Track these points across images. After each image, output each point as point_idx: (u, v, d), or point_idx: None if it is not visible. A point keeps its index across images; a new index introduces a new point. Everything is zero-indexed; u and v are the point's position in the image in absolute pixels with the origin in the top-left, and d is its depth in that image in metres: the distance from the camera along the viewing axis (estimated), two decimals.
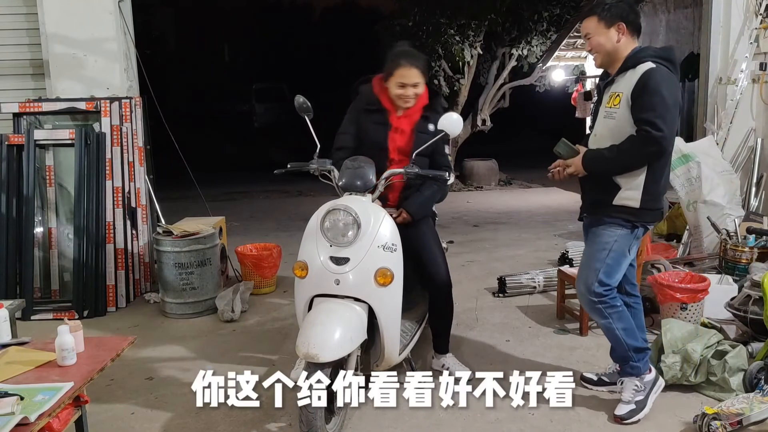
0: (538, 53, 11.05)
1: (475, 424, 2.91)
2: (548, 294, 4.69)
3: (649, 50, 2.75)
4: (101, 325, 4.37)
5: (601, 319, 2.89)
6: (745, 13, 5.43)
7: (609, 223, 2.81)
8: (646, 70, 2.65)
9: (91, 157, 4.66)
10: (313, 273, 2.76)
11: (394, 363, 2.95)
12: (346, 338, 2.58)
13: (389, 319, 2.80)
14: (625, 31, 2.75)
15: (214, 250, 4.62)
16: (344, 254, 2.72)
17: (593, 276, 2.81)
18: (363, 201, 2.83)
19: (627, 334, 2.87)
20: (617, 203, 2.77)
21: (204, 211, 5.63)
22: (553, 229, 7.18)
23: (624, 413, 2.86)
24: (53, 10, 4.94)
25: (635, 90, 2.65)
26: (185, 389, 3.32)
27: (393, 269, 2.75)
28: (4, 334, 2.51)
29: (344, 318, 2.64)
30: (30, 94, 5.06)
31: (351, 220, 2.70)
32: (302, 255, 2.82)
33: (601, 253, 2.81)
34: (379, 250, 2.75)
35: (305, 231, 2.87)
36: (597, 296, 2.82)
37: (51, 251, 4.72)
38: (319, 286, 2.76)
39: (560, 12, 10.78)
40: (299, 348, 2.51)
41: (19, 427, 1.79)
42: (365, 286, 2.72)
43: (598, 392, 3.17)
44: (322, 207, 2.79)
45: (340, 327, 2.59)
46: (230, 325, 4.31)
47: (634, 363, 2.90)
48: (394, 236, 2.83)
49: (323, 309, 2.68)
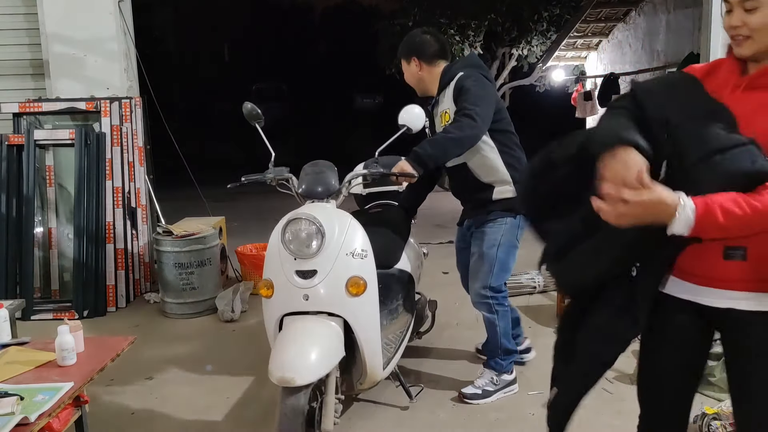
0: (538, 53, 11.05)
1: (474, 424, 2.91)
2: (548, 294, 4.68)
3: (457, 64, 3.07)
4: (101, 325, 4.37)
5: (488, 314, 3.08)
6: None
7: (493, 219, 3.02)
8: (457, 78, 2.96)
9: (91, 157, 4.66)
10: (280, 290, 2.55)
11: (380, 379, 2.75)
12: (322, 357, 2.36)
13: (368, 332, 2.58)
14: (419, 63, 3.07)
15: (214, 250, 4.62)
16: (310, 266, 2.49)
17: (488, 271, 3.00)
18: (326, 207, 2.64)
19: (504, 334, 3.09)
20: (496, 198, 3.01)
21: (204, 211, 5.63)
22: None
23: (469, 393, 3.09)
24: (53, 10, 4.94)
25: (454, 97, 2.93)
26: (185, 389, 3.33)
27: (365, 277, 2.53)
28: (4, 334, 2.51)
29: (318, 336, 2.44)
30: (30, 94, 5.06)
31: (314, 229, 2.48)
32: (266, 273, 2.61)
33: (492, 249, 3.00)
34: (348, 258, 2.53)
35: (268, 247, 2.66)
36: (491, 290, 3.03)
37: (51, 251, 4.72)
38: (287, 304, 2.54)
39: (560, 12, 10.78)
40: (272, 373, 2.31)
41: (19, 427, 1.79)
42: (337, 298, 2.50)
43: (598, 394, 3.17)
44: (282, 219, 2.56)
45: (314, 346, 2.38)
46: (230, 325, 4.31)
47: (500, 360, 3.13)
48: (363, 242, 2.60)
49: (294, 328, 2.49)
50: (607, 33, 9.95)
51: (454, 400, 3.11)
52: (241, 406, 3.13)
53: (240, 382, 3.40)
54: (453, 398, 3.12)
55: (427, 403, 3.09)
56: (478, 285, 3.06)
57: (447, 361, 3.59)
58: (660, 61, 8.65)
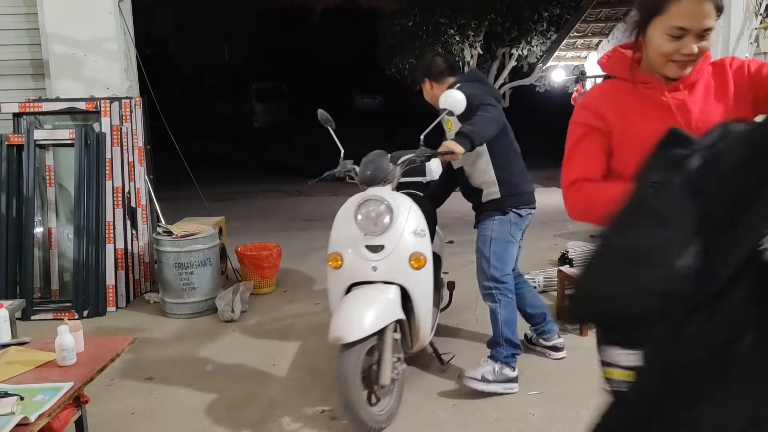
0: (538, 53, 11.06)
1: (474, 424, 2.91)
2: (548, 294, 4.68)
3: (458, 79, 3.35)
4: (101, 325, 4.37)
5: (491, 303, 3.26)
6: (745, 13, 5.43)
7: (485, 218, 3.32)
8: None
9: (91, 157, 4.66)
10: (349, 262, 2.90)
11: (425, 344, 3.16)
12: (373, 318, 2.70)
13: (424, 301, 2.96)
14: (431, 83, 3.40)
15: (214, 250, 4.62)
16: (379, 242, 2.87)
17: (486, 264, 3.24)
18: (388, 190, 2.97)
19: (505, 323, 3.22)
20: (485, 200, 3.30)
21: (204, 211, 5.63)
22: (552, 229, 7.17)
23: (469, 375, 3.18)
24: (53, 10, 4.94)
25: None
26: (185, 389, 3.33)
27: (425, 253, 2.91)
28: (4, 334, 2.51)
29: (376, 299, 2.79)
30: (30, 94, 5.06)
31: (384, 208, 2.87)
32: (334, 247, 2.96)
33: (486, 243, 3.27)
34: (411, 235, 2.90)
35: (334, 224, 3.01)
36: (493, 281, 3.21)
37: (51, 251, 4.72)
38: (356, 274, 2.90)
39: (560, 12, 10.80)
40: (330, 333, 2.66)
41: (19, 427, 1.79)
42: (401, 270, 2.87)
43: (597, 394, 3.17)
44: (350, 200, 2.97)
45: (369, 308, 2.73)
46: (230, 325, 4.31)
47: (501, 350, 3.22)
48: (422, 222, 2.97)
49: (357, 294, 2.85)
50: (607, 33, 9.95)
51: (454, 395, 3.12)
52: (241, 406, 3.13)
53: (240, 382, 3.40)
54: (453, 391, 3.13)
55: (427, 403, 3.10)
56: (480, 278, 3.29)
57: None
58: None
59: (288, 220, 8.23)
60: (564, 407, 3.02)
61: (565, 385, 3.26)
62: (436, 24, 10.38)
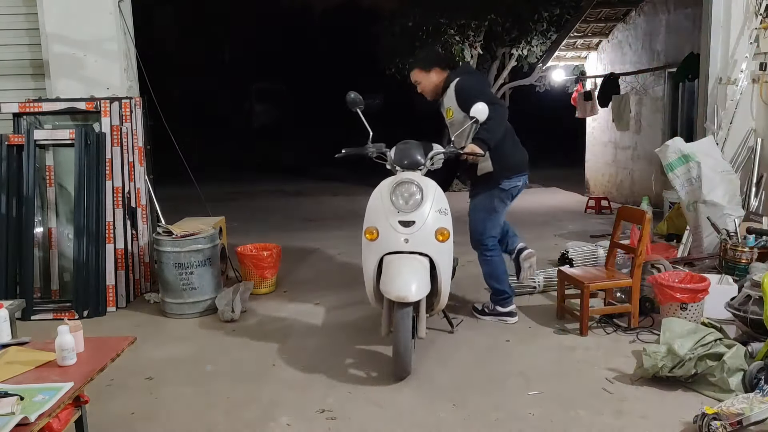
0: (538, 53, 11.05)
1: (474, 423, 2.91)
2: (548, 294, 4.69)
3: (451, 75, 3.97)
4: (101, 325, 4.37)
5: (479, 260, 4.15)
6: (745, 13, 5.43)
7: (476, 192, 4.06)
8: (453, 84, 3.91)
9: (91, 157, 4.66)
10: (384, 235, 3.36)
11: (444, 306, 3.61)
12: (423, 284, 3.25)
13: (446, 269, 3.44)
14: (439, 71, 3.95)
15: (214, 250, 4.62)
16: (410, 218, 3.35)
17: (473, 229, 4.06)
18: (419, 175, 3.49)
19: (488, 276, 4.14)
20: (480, 173, 3.96)
21: (204, 211, 5.63)
22: (553, 229, 7.18)
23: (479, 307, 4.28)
24: (53, 10, 4.94)
25: (457, 100, 3.87)
26: (185, 389, 3.33)
27: (448, 228, 3.42)
28: (4, 334, 2.51)
29: (417, 269, 3.28)
30: (30, 94, 5.06)
31: (416, 189, 3.38)
32: (370, 222, 3.43)
33: (473, 213, 4.07)
34: (436, 213, 3.39)
35: (369, 203, 3.48)
36: (478, 243, 4.07)
37: (51, 251, 4.72)
38: (390, 245, 3.35)
39: (560, 12, 10.78)
40: (390, 293, 3.19)
41: (19, 427, 1.79)
42: (429, 242, 3.35)
43: (597, 394, 3.18)
44: (384, 182, 3.47)
45: (417, 275, 3.25)
46: (230, 325, 4.31)
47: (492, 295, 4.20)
48: (445, 202, 3.48)
49: (401, 263, 3.29)
50: (607, 33, 9.95)
51: (455, 395, 3.11)
52: (241, 406, 3.13)
53: (240, 381, 3.40)
54: (453, 391, 3.13)
55: (427, 403, 3.10)
56: (471, 241, 4.11)
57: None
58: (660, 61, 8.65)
59: (288, 220, 8.24)
60: (564, 407, 3.02)
61: (565, 385, 3.26)
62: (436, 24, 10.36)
